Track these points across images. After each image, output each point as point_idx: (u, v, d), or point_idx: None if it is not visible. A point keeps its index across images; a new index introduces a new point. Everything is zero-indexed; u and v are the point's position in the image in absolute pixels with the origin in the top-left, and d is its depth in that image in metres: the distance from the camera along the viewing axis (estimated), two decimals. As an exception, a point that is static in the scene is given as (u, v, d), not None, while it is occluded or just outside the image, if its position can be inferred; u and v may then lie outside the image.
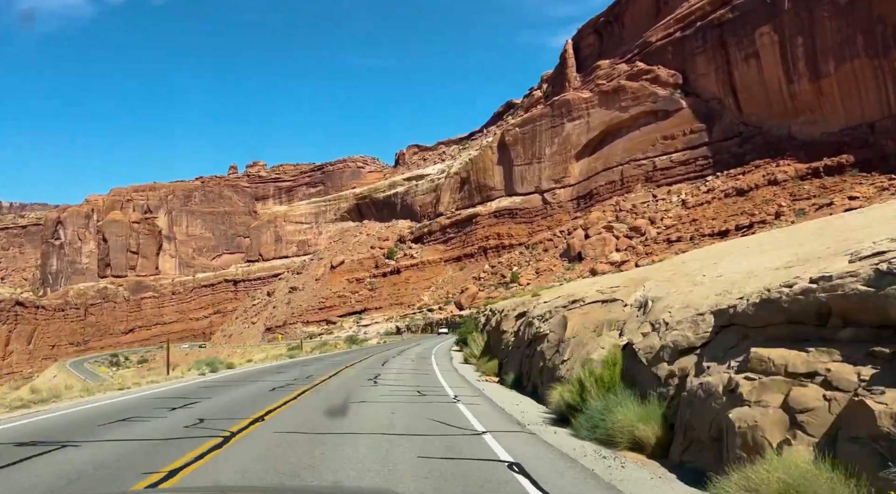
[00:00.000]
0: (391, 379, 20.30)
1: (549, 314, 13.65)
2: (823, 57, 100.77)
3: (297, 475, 7.45)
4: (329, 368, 26.30)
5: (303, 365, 30.81)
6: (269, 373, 25.64)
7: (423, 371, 23.24)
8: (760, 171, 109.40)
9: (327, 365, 28.95)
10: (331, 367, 26.98)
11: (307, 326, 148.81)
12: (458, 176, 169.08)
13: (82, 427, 11.79)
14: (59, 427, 11.97)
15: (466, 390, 17.00)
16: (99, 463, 8.27)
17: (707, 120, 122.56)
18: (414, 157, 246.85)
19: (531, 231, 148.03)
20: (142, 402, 16.12)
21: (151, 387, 21.25)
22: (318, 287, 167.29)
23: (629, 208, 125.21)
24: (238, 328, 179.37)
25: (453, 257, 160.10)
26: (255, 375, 25.08)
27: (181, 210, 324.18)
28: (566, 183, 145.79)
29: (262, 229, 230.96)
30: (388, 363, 28.20)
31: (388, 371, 23.78)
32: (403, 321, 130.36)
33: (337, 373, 23.56)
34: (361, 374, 23.02)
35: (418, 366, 24.81)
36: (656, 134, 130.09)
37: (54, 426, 12.26)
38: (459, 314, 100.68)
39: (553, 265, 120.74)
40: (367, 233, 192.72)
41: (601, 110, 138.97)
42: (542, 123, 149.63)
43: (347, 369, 25.09)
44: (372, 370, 24.17)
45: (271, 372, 26.24)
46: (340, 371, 24.47)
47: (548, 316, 13.54)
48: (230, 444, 9.54)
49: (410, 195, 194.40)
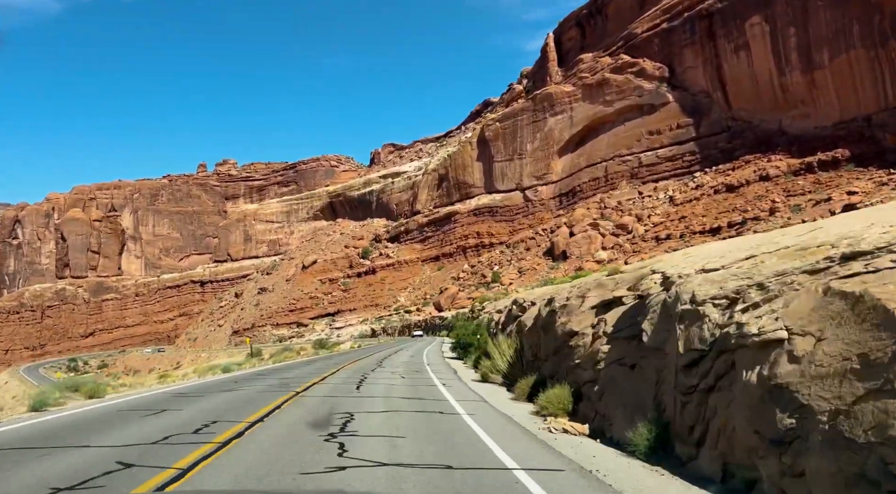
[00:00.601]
0: (379, 448, 9.12)
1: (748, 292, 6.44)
2: (817, 48, 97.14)
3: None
4: (261, 399, 15.16)
5: (225, 390, 18.67)
6: (109, 428, 11.74)
7: (435, 408, 13.17)
8: (751, 166, 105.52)
9: (264, 391, 17.60)
10: (267, 395, 16.05)
11: (277, 328, 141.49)
12: (436, 173, 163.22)
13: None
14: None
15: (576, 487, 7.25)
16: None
17: (694, 114, 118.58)
18: (390, 155, 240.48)
19: (512, 230, 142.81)
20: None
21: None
22: (289, 288, 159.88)
23: (614, 206, 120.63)
24: (204, 330, 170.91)
25: (431, 257, 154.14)
26: (83, 426, 12.03)
27: (147, 209, 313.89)
28: (548, 180, 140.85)
29: (231, 228, 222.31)
30: (367, 384, 17.48)
31: (370, 410, 12.96)
32: (379, 322, 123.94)
33: (263, 418, 12.17)
34: (318, 420, 11.79)
35: (418, 391, 15.12)
36: (642, 129, 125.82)
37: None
38: (440, 315, 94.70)
39: (536, 264, 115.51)
40: (341, 232, 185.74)
41: (584, 105, 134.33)
42: (524, 117, 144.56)
43: (292, 403, 14.10)
44: (338, 408, 13.38)
45: (134, 418, 12.92)
46: (275, 411, 13.04)
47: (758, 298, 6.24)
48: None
49: (386, 193, 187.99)
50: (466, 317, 38.27)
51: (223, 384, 21.06)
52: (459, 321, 31.45)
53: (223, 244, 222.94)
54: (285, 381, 20.70)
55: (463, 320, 44.34)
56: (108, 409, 14.83)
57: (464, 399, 13.80)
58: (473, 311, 38.31)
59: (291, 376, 23.25)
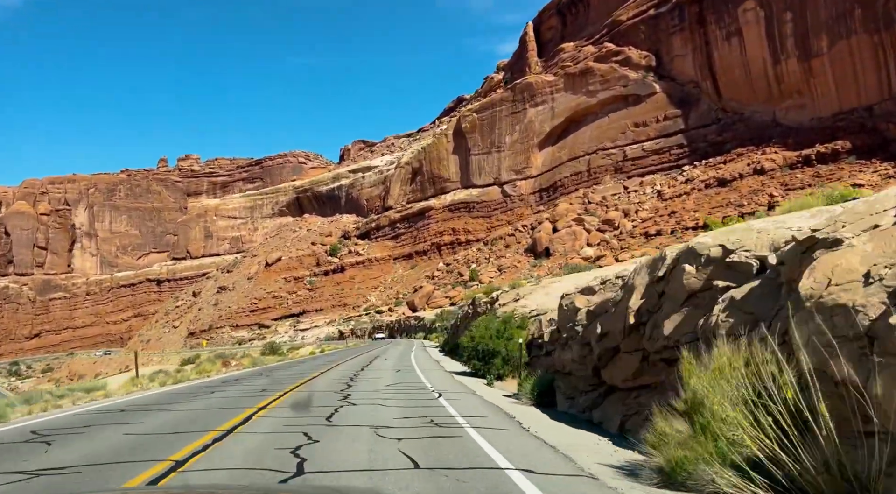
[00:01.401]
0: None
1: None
2: (815, 34, 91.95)
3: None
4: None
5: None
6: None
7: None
8: (744, 160, 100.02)
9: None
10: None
11: (237, 330, 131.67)
12: (410, 166, 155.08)
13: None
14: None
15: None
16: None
17: (683, 105, 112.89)
18: (360, 152, 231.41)
19: (490, 226, 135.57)
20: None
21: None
22: (251, 287, 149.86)
23: (599, 201, 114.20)
24: (158, 332, 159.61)
25: (404, 255, 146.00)
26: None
27: (104, 205, 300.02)
28: (528, 174, 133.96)
29: (191, 224, 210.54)
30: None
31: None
32: (347, 324, 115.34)
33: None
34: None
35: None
36: (627, 121, 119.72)
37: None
38: (415, 315, 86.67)
39: (517, 262, 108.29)
40: (308, 228, 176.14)
41: (567, 95, 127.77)
42: (502, 108, 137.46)
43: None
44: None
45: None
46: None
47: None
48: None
49: (356, 188, 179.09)
50: (463, 314, 29.91)
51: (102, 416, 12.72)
52: (479, 327, 21.98)
53: (182, 241, 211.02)
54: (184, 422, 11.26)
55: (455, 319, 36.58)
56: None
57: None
58: (476, 305, 29.75)
59: (179, 421, 11.68)
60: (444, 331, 39.49)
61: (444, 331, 39.49)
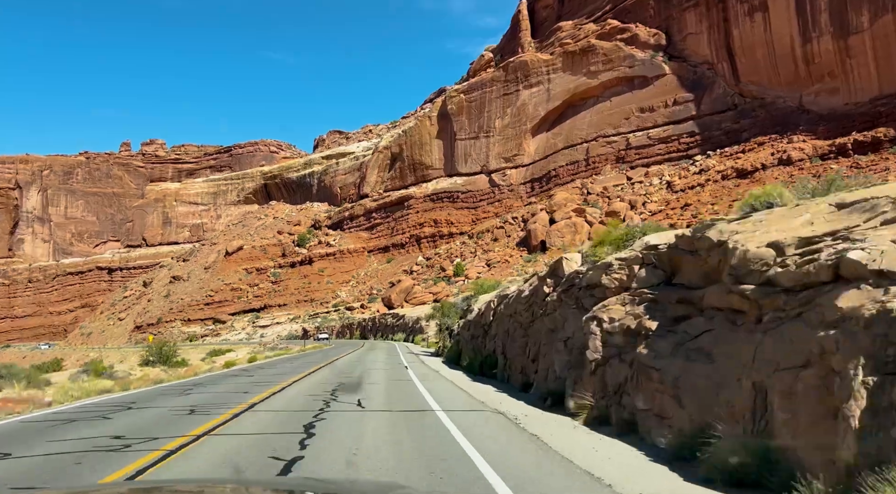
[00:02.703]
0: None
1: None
2: (855, 7, 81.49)
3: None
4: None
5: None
6: None
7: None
8: (766, 149, 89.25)
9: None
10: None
11: (189, 325, 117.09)
12: (389, 151, 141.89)
13: None
14: None
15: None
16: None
17: (695, 89, 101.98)
18: (336, 141, 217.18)
19: (475, 218, 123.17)
20: None
21: None
22: (208, 278, 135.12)
23: (599, 192, 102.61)
24: (101, 324, 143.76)
25: (379, 247, 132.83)
26: None
27: (59, 188, 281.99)
28: (519, 162, 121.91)
29: (148, 209, 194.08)
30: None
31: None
32: (313, 321, 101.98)
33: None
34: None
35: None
36: (632, 105, 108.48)
37: None
38: (392, 312, 73.61)
39: (508, 256, 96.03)
40: (275, 215, 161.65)
41: (565, 76, 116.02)
42: (493, 89, 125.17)
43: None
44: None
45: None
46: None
47: None
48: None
49: (329, 175, 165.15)
50: (531, 299, 17.71)
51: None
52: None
53: (138, 227, 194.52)
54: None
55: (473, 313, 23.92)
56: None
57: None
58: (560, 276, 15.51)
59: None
60: (448, 333, 26.56)
61: (448, 333, 26.56)
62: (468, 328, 22.51)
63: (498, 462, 7.59)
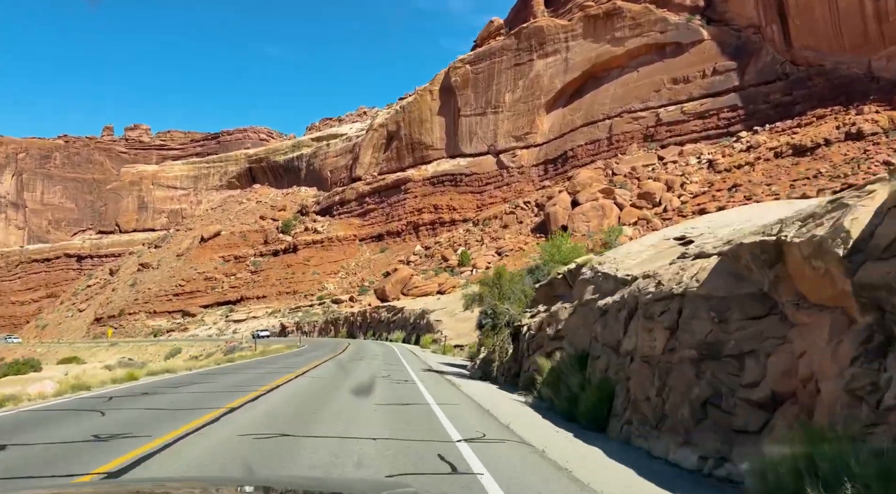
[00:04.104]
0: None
1: None
2: (945, -48, 68.50)
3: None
4: None
5: None
6: None
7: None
8: (829, 122, 76.22)
9: None
10: None
11: (154, 318, 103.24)
12: (384, 129, 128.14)
13: None
14: None
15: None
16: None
17: (738, 57, 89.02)
18: (327, 125, 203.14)
19: (480, 204, 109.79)
20: None
21: None
22: (180, 266, 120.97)
23: (627, 172, 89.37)
24: (59, 316, 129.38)
25: (373, 236, 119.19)
26: None
27: (36, 173, 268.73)
28: (531, 141, 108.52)
29: (123, 193, 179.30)
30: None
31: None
32: (294, 315, 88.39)
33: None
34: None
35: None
36: (663, 76, 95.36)
37: None
38: (388, 305, 59.87)
39: (523, 243, 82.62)
40: (258, 200, 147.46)
41: (586, 43, 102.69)
42: (503, 59, 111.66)
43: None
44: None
45: None
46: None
47: None
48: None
49: (319, 158, 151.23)
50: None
51: None
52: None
53: (111, 212, 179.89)
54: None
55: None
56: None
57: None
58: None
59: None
60: (513, 334, 13.08)
61: (513, 334, 13.08)
62: (597, 326, 9.27)
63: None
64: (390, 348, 36.82)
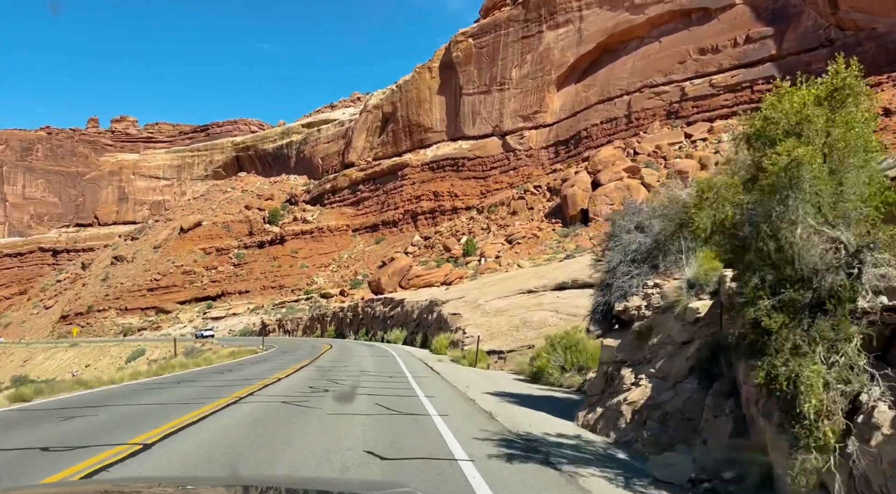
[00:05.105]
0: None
1: None
2: None
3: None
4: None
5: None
6: None
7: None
8: (887, 90, 66.99)
9: None
10: None
11: (125, 315, 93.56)
12: (380, 111, 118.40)
13: None
14: None
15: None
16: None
17: (775, 23, 79.74)
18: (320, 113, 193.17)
19: (485, 190, 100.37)
20: None
21: None
22: (156, 258, 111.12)
23: (651, 151, 79.88)
24: (23, 314, 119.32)
25: (367, 226, 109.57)
26: None
27: (17, 165, 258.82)
28: (540, 121, 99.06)
29: (101, 183, 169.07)
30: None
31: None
32: (278, 311, 78.83)
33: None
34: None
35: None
36: (689, 45, 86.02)
37: None
38: (386, 296, 50.25)
39: (536, 229, 73.09)
40: (244, 188, 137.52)
41: (601, 12, 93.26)
42: (510, 31, 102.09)
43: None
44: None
45: None
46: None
47: None
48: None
49: (310, 144, 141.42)
50: None
51: None
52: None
53: (89, 203, 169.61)
54: None
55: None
56: None
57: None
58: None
59: None
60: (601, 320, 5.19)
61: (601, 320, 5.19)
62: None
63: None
64: (388, 354, 26.49)
